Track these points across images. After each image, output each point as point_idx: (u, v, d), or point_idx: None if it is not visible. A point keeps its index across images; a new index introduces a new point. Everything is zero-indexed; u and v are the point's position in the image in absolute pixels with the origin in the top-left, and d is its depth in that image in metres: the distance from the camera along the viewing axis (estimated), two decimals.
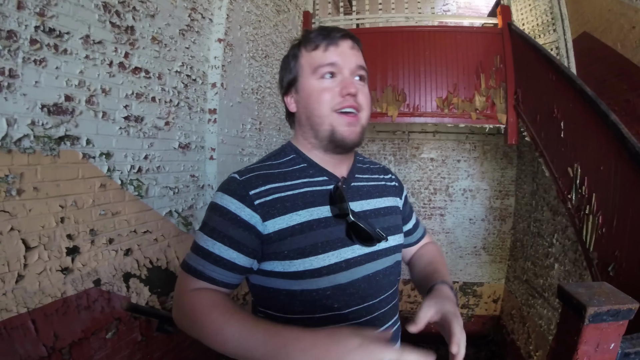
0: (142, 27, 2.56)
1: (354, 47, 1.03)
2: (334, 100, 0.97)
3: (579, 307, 1.23)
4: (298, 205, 0.94)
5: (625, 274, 2.51)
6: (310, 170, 1.02)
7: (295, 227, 0.92)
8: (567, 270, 4.78)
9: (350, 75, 0.99)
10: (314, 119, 1.00)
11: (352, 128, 0.98)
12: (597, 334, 1.24)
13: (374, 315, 0.99)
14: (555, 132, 3.60)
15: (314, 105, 0.99)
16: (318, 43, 1.00)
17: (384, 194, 1.14)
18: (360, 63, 1.02)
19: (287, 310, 0.94)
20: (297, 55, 1.04)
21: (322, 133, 0.99)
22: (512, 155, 7.11)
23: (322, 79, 0.99)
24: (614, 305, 1.20)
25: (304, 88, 1.01)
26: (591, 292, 1.29)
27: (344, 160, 1.08)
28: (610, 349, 1.28)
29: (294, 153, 1.06)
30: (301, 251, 0.91)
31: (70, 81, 2.05)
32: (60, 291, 1.97)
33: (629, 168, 2.55)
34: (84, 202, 2.17)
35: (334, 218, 0.96)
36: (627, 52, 4.16)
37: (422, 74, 4.93)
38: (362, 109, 1.00)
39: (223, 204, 0.93)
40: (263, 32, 4.27)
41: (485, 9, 8.80)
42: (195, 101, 3.22)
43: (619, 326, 1.25)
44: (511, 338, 6.56)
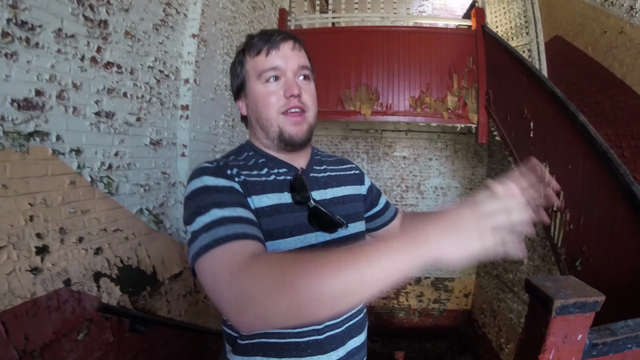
0: (116, 21, 2.51)
1: (295, 47, 1.04)
2: (279, 103, 1.00)
3: (546, 300, 1.25)
4: (267, 188, 0.97)
5: (592, 268, 2.60)
6: (270, 164, 1.04)
7: (265, 208, 0.94)
8: (536, 265, 4.94)
9: (293, 76, 1.02)
10: (263, 122, 1.03)
11: (298, 127, 1.02)
12: (565, 325, 1.27)
13: None
14: (525, 132, 3.70)
15: (262, 109, 1.02)
16: (260, 48, 1.02)
17: (342, 184, 1.16)
18: (303, 63, 1.04)
19: None
20: (242, 62, 1.06)
21: (272, 134, 1.02)
22: (483, 153, 7.28)
23: (266, 83, 1.01)
24: (580, 298, 1.23)
25: (251, 93, 1.04)
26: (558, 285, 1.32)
27: (301, 155, 1.10)
28: (578, 340, 1.31)
29: (252, 151, 1.08)
30: (270, 233, 0.92)
31: (41, 75, 1.99)
32: (30, 292, 1.91)
33: (596, 167, 2.65)
34: (54, 199, 2.11)
35: (296, 204, 0.99)
36: (597, 56, 4.30)
37: (396, 74, 4.97)
38: (308, 108, 1.04)
39: (210, 184, 0.88)
40: (238, 28, 4.23)
41: (460, 10, 8.93)
42: (168, 97, 3.17)
43: (586, 318, 1.28)
44: (482, 331, 6.75)
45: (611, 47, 4.08)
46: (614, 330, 1.42)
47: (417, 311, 7.80)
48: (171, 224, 3.25)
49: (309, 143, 1.11)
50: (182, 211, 2.86)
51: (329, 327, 0.99)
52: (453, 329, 7.72)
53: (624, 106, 3.90)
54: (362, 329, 1.10)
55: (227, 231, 0.78)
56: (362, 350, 1.09)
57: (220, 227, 0.79)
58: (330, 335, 0.99)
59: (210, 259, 0.75)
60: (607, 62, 4.14)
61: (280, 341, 0.95)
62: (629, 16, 3.80)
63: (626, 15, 3.84)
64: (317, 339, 0.97)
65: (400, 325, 7.85)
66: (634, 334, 1.41)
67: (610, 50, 4.09)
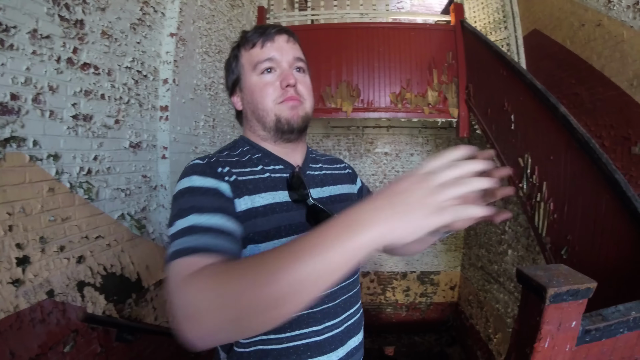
0: (92, 21, 2.42)
1: (289, 40, 1.06)
2: (275, 93, 1.01)
3: (539, 288, 1.27)
4: (260, 188, 0.95)
5: (578, 256, 2.64)
6: (266, 159, 1.04)
7: (259, 208, 0.92)
8: (521, 255, 5.02)
9: (288, 67, 1.03)
10: (259, 112, 1.02)
11: (294, 111, 1.01)
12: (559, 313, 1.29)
13: (336, 302, 1.00)
14: (506, 125, 3.74)
15: (258, 99, 1.02)
16: (255, 41, 1.03)
17: (338, 182, 1.16)
18: (298, 55, 1.06)
19: None
20: (237, 56, 1.07)
21: (269, 124, 1.02)
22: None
23: (262, 74, 1.02)
24: (572, 285, 1.25)
25: (247, 85, 1.04)
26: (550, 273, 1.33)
27: (296, 150, 1.10)
28: (572, 327, 1.33)
29: (248, 145, 1.07)
30: (265, 234, 0.90)
31: (17, 78, 1.91)
32: (12, 305, 1.83)
33: (578, 156, 2.69)
34: (32, 208, 2.02)
35: (294, 203, 0.97)
36: (576, 49, 4.37)
37: (376, 70, 4.98)
38: (305, 99, 1.04)
39: (196, 184, 0.87)
40: (217, 26, 4.16)
41: (439, 6, 9.02)
42: (146, 98, 3.08)
43: (579, 305, 1.30)
44: (470, 323, 6.83)
45: (589, 40, 4.15)
46: (606, 315, 1.45)
47: (405, 306, 7.85)
48: (154, 229, 3.17)
49: (304, 135, 1.11)
50: (165, 215, 2.78)
51: (329, 327, 0.97)
52: (441, 321, 7.81)
53: (603, 97, 3.98)
54: (360, 328, 1.09)
55: (191, 242, 0.74)
56: (360, 349, 1.08)
57: (189, 237, 0.75)
58: (330, 336, 0.97)
59: (170, 269, 0.72)
60: (586, 54, 4.22)
61: (278, 347, 0.92)
62: (607, 9, 3.86)
63: (604, 8, 3.91)
64: (316, 340, 0.95)
65: (389, 320, 7.89)
66: (625, 319, 1.44)
67: (589, 43, 4.16)
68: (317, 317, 0.96)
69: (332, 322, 0.98)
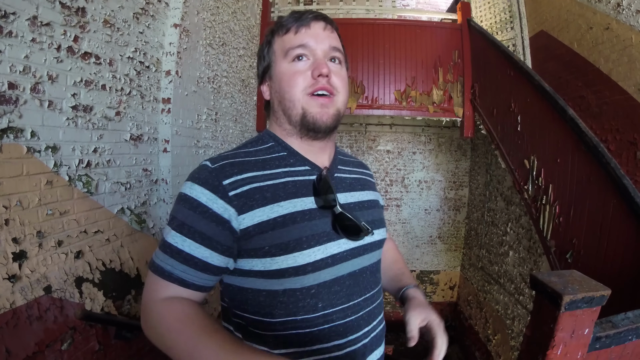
0: (94, 9, 2.35)
1: (327, 28, 0.98)
2: (305, 82, 0.92)
3: (554, 295, 1.25)
4: (280, 196, 0.88)
5: (583, 260, 2.62)
6: (291, 159, 0.96)
7: (278, 219, 0.85)
8: (522, 257, 5.00)
9: (323, 56, 0.95)
10: (286, 103, 0.95)
11: (324, 110, 0.93)
12: (573, 320, 1.27)
13: (359, 314, 0.94)
14: (512, 126, 3.70)
15: (286, 89, 0.94)
16: (289, 26, 0.96)
17: (365, 187, 1.10)
18: (335, 44, 0.98)
19: (267, 313, 0.87)
20: (270, 42, 1.00)
21: (295, 117, 0.94)
22: (466, 147, 7.35)
23: (293, 62, 0.94)
24: (587, 293, 1.23)
25: (276, 73, 0.97)
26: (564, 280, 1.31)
27: (325, 150, 1.02)
28: (584, 335, 1.32)
29: (272, 140, 0.99)
30: (284, 246, 0.83)
31: (15, 67, 1.84)
32: (9, 301, 1.77)
33: (585, 160, 2.67)
34: (30, 201, 1.96)
35: (319, 210, 0.90)
36: (583, 51, 4.34)
37: (381, 67, 4.94)
38: (338, 92, 0.96)
39: (193, 195, 0.85)
40: (221, 18, 4.09)
41: (444, 4, 8.96)
42: (148, 90, 3.02)
43: (593, 312, 1.29)
44: (469, 323, 6.83)
45: (597, 43, 4.11)
46: (616, 322, 1.43)
47: None
48: (154, 224, 3.12)
49: (334, 134, 1.03)
50: (165, 210, 2.74)
51: (351, 342, 0.92)
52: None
53: (609, 101, 3.95)
54: (382, 341, 1.04)
55: (172, 268, 0.84)
56: None
57: (169, 259, 0.84)
58: (352, 350, 0.91)
59: (148, 275, 0.88)
60: (593, 57, 4.18)
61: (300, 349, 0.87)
62: (616, 13, 3.82)
63: (613, 12, 3.87)
64: (337, 355, 0.89)
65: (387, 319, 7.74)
66: (635, 326, 1.43)
67: (596, 46, 4.13)
68: (340, 330, 0.90)
69: (354, 335, 0.92)
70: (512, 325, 5.14)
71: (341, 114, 0.99)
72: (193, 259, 0.83)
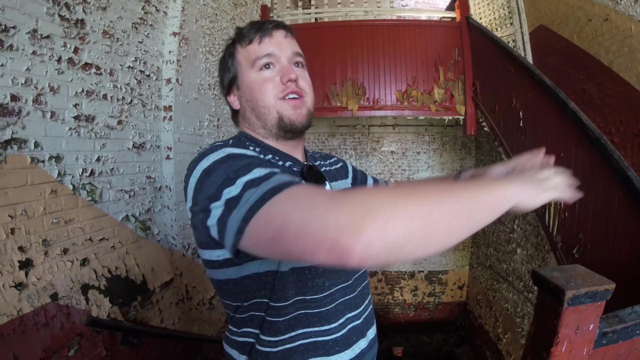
0: (93, 21, 2.40)
1: (287, 35, 1.03)
2: (276, 89, 0.97)
3: (557, 291, 1.23)
4: None
5: (590, 255, 2.60)
6: (276, 157, 1.00)
7: None
8: (530, 254, 4.96)
9: (288, 63, 1.00)
10: (260, 110, 0.99)
11: (298, 111, 0.98)
12: (577, 316, 1.25)
13: (355, 293, 1.00)
14: (514, 122, 3.69)
15: (259, 97, 0.98)
16: (252, 37, 1.00)
17: (337, 178, 1.16)
18: (297, 50, 1.03)
19: (279, 296, 0.88)
20: (233, 53, 1.04)
21: (271, 122, 0.98)
22: (471, 145, 7.31)
23: (261, 70, 0.99)
24: (591, 287, 1.21)
25: (245, 83, 1.01)
26: (567, 275, 1.29)
27: (298, 147, 1.07)
28: (589, 330, 1.29)
29: (252, 142, 1.01)
30: None
31: (17, 79, 1.88)
32: (16, 309, 1.80)
33: (589, 153, 2.64)
34: (35, 210, 2.00)
35: None
36: (583, 44, 4.32)
37: (382, 68, 4.94)
38: (306, 93, 1.01)
39: (239, 152, 0.80)
40: (220, 25, 4.13)
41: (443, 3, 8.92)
42: (150, 98, 3.06)
43: (597, 307, 1.26)
44: (479, 322, 6.78)
45: (597, 35, 4.09)
46: (622, 317, 1.40)
47: (413, 305, 7.80)
48: (159, 230, 3.15)
49: (304, 133, 1.07)
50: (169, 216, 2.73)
51: (350, 319, 0.96)
52: (449, 321, 7.75)
53: (611, 93, 3.92)
54: (374, 319, 1.10)
55: (285, 178, 0.68)
56: (376, 340, 1.09)
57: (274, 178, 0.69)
58: (352, 327, 0.97)
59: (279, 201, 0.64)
60: (593, 49, 4.16)
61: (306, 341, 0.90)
62: (614, 3, 3.80)
63: (611, 3, 3.85)
64: (342, 334, 0.94)
65: (396, 320, 7.84)
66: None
67: (596, 38, 4.10)
68: (341, 308, 0.95)
69: (355, 312, 0.98)
70: (522, 324, 5.10)
71: (311, 113, 1.04)
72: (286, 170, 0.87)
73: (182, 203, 3.35)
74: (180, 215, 3.33)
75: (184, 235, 3.40)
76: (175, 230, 3.28)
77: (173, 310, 3.13)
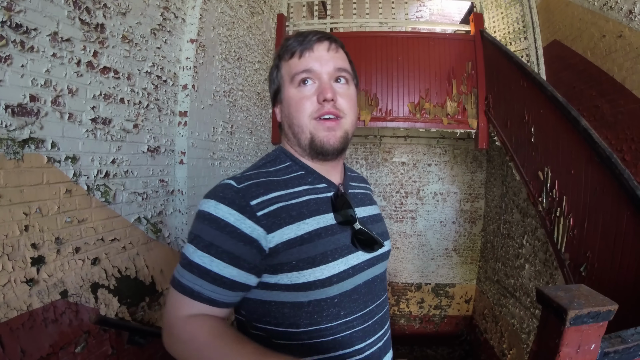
0: (113, 25, 2.46)
1: (331, 48, 0.99)
2: (312, 107, 0.94)
3: (559, 310, 1.23)
4: (304, 214, 0.91)
5: (597, 274, 2.58)
6: (309, 178, 0.98)
7: (304, 236, 0.88)
8: (538, 270, 4.92)
9: (328, 79, 0.96)
10: (295, 128, 0.97)
11: (331, 133, 0.95)
12: (578, 336, 1.24)
13: (374, 319, 0.99)
14: (525, 137, 3.68)
15: (294, 114, 0.96)
16: (293, 50, 0.97)
17: (372, 202, 1.16)
18: (340, 65, 0.98)
19: (292, 323, 0.89)
20: (278, 66, 1.02)
21: (304, 141, 0.97)
22: (482, 159, 7.29)
23: (299, 86, 0.96)
24: (593, 308, 1.20)
25: (285, 98, 0.99)
26: (571, 295, 1.29)
27: (336, 168, 1.05)
28: (591, 350, 1.28)
29: (289, 160, 1.01)
30: (311, 260, 0.87)
31: (36, 80, 1.93)
32: (26, 304, 1.84)
33: (599, 171, 2.64)
34: (49, 209, 2.05)
35: (338, 225, 0.94)
36: (596, 60, 4.31)
37: (395, 79, 4.97)
38: (345, 114, 0.97)
39: (219, 215, 0.85)
40: (236, 33, 4.20)
41: (458, 16, 8.96)
42: (166, 103, 3.12)
43: (599, 327, 1.25)
44: (484, 337, 6.72)
45: (610, 51, 4.08)
46: (625, 337, 1.40)
47: (418, 318, 7.76)
48: (170, 233, 3.19)
49: (344, 153, 1.05)
50: (181, 220, 2.78)
51: (368, 345, 0.96)
52: (454, 335, 7.69)
53: (624, 110, 3.90)
54: (390, 345, 1.09)
55: (200, 288, 0.85)
56: None
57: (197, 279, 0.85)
58: (369, 354, 0.96)
59: (172, 295, 0.88)
60: (607, 66, 4.15)
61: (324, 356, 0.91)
62: (628, 20, 3.80)
63: (625, 19, 3.85)
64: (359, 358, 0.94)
65: (401, 332, 7.80)
66: None
67: (610, 54, 4.10)
68: (360, 335, 0.95)
69: (372, 339, 0.97)
70: (528, 340, 5.04)
71: (349, 135, 1.00)
72: (222, 279, 0.84)
73: (194, 207, 3.39)
74: (191, 219, 3.36)
75: None
76: (185, 233, 3.31)
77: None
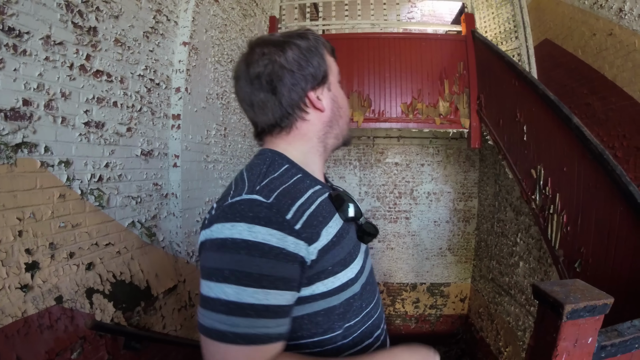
0: (105, 29, 2.45)
1: None
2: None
3: (556, 305, 1.24)
4: (327, 217, 0.87)
5: (592, 269, 2.60)
6: (307, 181, 0.91)
7: (333, 239, 0.86)
8: (532, 267, 4.96)
9: None
10: (343, 125, 1.00)
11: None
12: (575, 330, 1.25)
13: (380, 307, 1.04)
14: (518, 136, 3.71)
15: (344, 111, 0.99)
16: (333, 50, 0.99)
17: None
18: None
19: (327, 329, 0.87)
20: (322, 54, 0.93)
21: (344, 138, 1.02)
22: (475, 158, 7.34)
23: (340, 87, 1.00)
24: (590, 302, 1.21)
25: (335, 92, 0.97)
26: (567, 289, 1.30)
27: (322, 169, 1.04)
28: (588, 344, 1.30)
29: (287, 162, 0.91)
30: (343, 262, 0.87)
31: (29, 84, 1.92)
32: (20, 310, 1.82)
33: (592, 168, 2.66)
34: (43, 213, 2.03)
35: (346, 222, 0.95)
36: (587, 58, 4.36)
37: (388, 80, 4.99)
38: None
39: (259, 240, 0.73)
40: (229, 36, 4.19)
41: (449, 16, 9.01)
42: (159, 106, 3.10)
43: (596, 321, 1.27)
44: (480, 335, 6.75)
45: (601, 49, 4.13)
46: (621, 331, 1.41)
47: (414, 317, 7.78)
48: (164, 237, 3.17)
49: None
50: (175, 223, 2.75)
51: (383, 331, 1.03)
52: (450, 334, 7.73)
53: (615, 107, 3.94)
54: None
55: (266, 329, 0.73)
56: None
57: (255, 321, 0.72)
58: (384, 338, 1.03)
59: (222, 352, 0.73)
60: (598, 64, 4.20)
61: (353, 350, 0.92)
62: (618, 18, 3.84)
63: (615, 17, 3.89)
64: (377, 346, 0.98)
65: (397, 332, 7.81)
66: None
67: (600, 52, 4.14)
68: (376, 323, 0.99)
69: (383, 325, 1.04)
70: (524, 337, 5.07)
71: None
72: (282, 308, 0.75)
73: (188, 210, 3.38)
74: (186, 223, 3.36)
75: (189, 242, 3.42)
76: (180, 237, 3.30)
77: (175, 316, 3.14)
